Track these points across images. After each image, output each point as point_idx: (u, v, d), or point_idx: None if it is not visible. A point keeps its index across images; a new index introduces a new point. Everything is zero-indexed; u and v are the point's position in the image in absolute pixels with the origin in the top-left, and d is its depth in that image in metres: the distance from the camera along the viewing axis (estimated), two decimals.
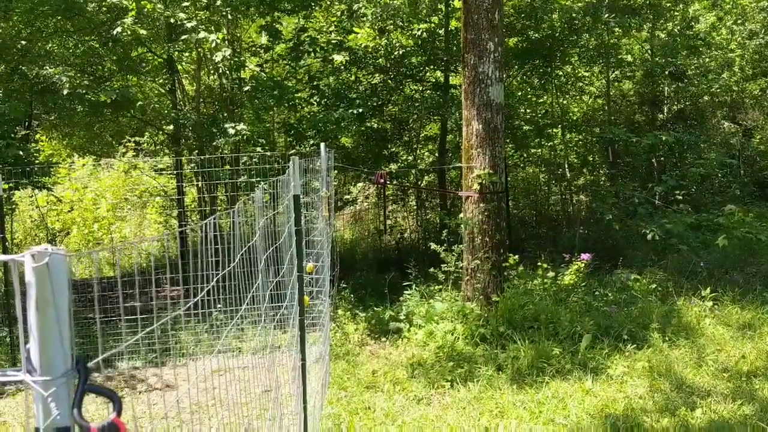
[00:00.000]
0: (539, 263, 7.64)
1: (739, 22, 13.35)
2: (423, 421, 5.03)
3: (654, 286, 7.69)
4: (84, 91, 9.08)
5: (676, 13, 12.23)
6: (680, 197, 11.13)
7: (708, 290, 7.18)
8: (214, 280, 2.01)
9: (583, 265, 7.54)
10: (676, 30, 12.39)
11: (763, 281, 8.02)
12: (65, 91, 8.78)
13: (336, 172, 11.41)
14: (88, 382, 0.78)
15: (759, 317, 6.77)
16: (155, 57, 10.32)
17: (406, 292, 8.19)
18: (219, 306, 6.07)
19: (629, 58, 13.24)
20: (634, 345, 6.23)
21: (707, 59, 12.92)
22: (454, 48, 10.62)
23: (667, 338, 6.30)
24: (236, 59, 9.03)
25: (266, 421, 3.83)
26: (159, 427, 4.96)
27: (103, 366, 6.23)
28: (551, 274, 7.50)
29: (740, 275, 8.35)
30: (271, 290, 3.83)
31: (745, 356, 5.79)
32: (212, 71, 10.15)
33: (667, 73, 12.72)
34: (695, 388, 5.28)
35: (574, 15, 10.83)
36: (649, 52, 13.01)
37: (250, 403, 3.93)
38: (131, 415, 5.21)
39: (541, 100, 12.72)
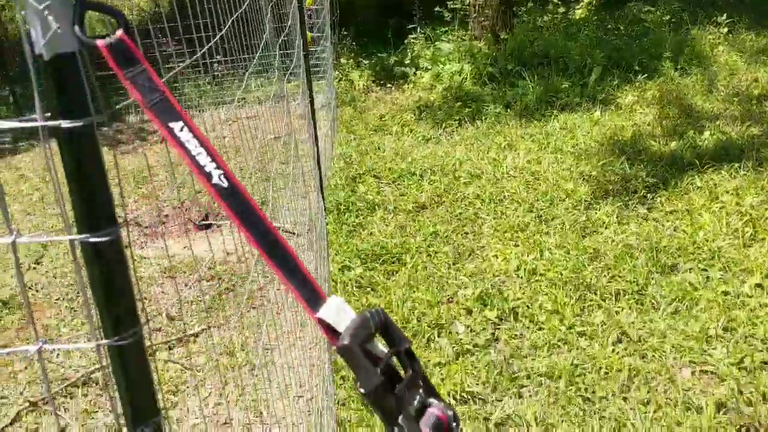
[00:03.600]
0: None
1: None
2: (432, 157, 5.10)
3: (668, 17, 7.36)
4: None
5: None
6: None
7: (724, 16, 6.87)
8: (221, 33, 1.82)
9: None
10: None
11: None
12: None
13: None
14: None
15: None
16: None
17: (410, 35, 7.90)
18: (218, 56, 5.88)
19: None
20: (645, 75, 6.12)
21: None
22: None
23: (678, 67, 6.17)
24: None
25: (281, 164, 3.88)
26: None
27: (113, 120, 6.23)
28: (562, 9, 7.16)
29: None
30: (272, 34, 3.64)
31: (758, 80, 5.69)
32: None
33: None
34: (704, 113, 5.26)
35: None
36: None
37: (261, 148, 3.94)
38: (145, 164, 5.31)
39: None
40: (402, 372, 0.70)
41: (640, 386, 2.67)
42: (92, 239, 0.74)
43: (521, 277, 3.41)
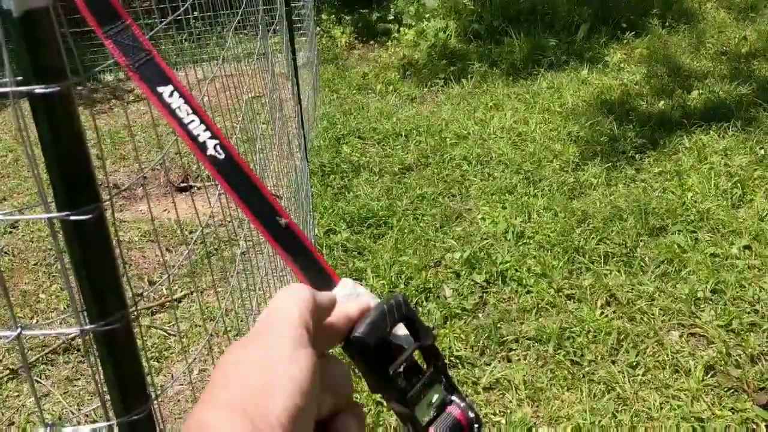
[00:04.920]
0: None
1: None
2: (418, 117, 5.02)
3: None
4: None
5: None
6: None
7: None
8: None
9: None
10: None
11: None
12: None
13: None
14: None
15: None
16: None
17: None
18: (195, 13, 5.67)
19: None
20: (633, 33, 6.04)
21: None
22: None
23: (666, 24, 6.10)
24: None
25: (262, 125, 3.77)
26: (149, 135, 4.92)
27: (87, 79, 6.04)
28: None
29: None
30: None
31: (746, 38, 5.64)
32: None
33: None
34: (693, 72, 5.21)
35: None
36: None
37: (241, 109, 3.82)
38: (122, 123, 5.16)
39: None
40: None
41: (628, 349, 2.66)
42: (73, 217, 0.67)
43: (509, 240, 3.38)
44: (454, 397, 0.59)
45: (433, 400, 0.60)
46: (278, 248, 0.64)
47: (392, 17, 7.12)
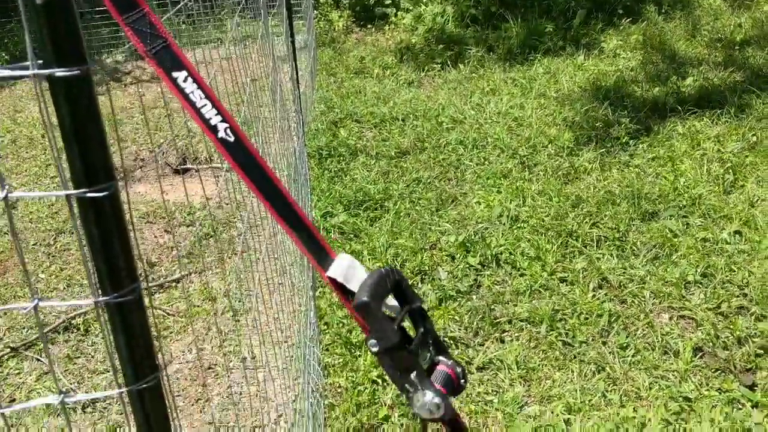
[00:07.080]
0: None
1: None
2: (415, 101, 5.04)
3: None
4: None
5: None
6: None
7: None
8: None
9: None
10: None
11: None
12: None
13: None
14: None
15: None
16: None
17: None
18: None
19: None
20: (629, 19, 6.06)
21: None
22: None
23: (662, 11, 6.12)
24: None
25: (259, 107, 3.79)
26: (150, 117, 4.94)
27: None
28: None
29: None
30: None
31: (741, 25, 5.67)
32: None
33: None
34: (687, 59, 5.24)
35: None
36: None
37: (238, 93, 3.84)
38: (120, 105, 5.17)
39: None
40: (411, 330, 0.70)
41: (619, 331, 2.72)
42: (90, 194, 0.71)
43: (504, 224, 3.42)
44: (440, 357, 0.64)
45: (425, 359, 0.65)
46: (283, 224, 0.68)
47: (389, 1, 7.12)
